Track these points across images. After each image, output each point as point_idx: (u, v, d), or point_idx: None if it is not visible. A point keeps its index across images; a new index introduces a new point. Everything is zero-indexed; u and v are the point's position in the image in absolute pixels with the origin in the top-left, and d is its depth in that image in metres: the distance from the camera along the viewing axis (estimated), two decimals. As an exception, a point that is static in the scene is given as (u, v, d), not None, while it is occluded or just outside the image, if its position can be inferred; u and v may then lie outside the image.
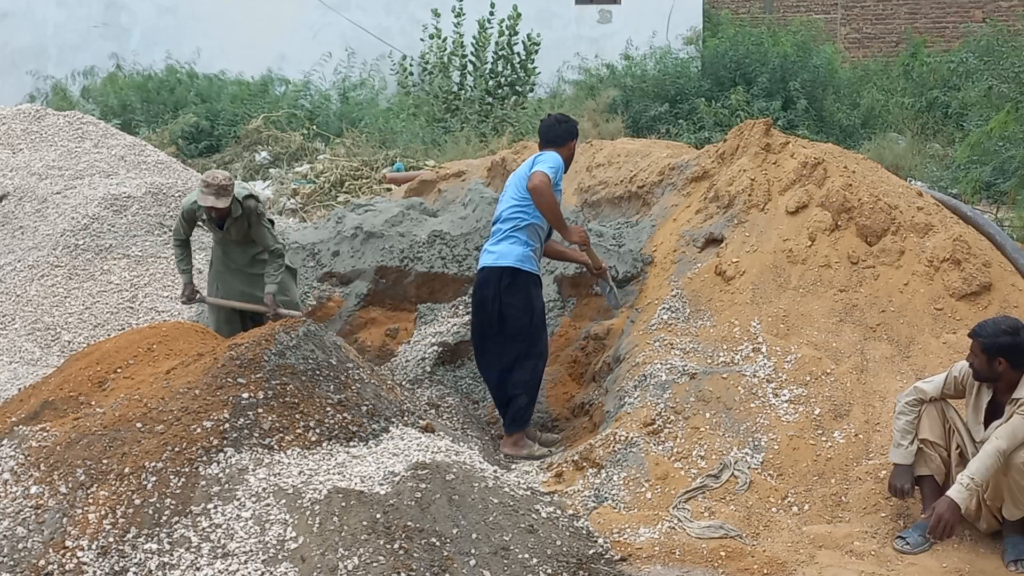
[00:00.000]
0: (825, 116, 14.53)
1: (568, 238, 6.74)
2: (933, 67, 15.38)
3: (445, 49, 15.83)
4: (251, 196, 7.22)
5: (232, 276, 7.36)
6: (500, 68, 15.84)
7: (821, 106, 14.59)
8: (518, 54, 15.83)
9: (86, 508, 4.77)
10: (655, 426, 5.75)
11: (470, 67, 15.81)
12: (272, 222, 7.50)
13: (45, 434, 5.19)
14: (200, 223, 7.40)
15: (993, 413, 5.00)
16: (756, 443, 5.62)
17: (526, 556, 4.74)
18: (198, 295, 7.45)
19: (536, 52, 15.85)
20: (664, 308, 6.56)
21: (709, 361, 6.11)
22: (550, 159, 6.50)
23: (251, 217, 7.15)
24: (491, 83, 15.68)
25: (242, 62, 16.72)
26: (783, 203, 6.77)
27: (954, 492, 4.76)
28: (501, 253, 6.50)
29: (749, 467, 5.49)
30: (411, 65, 16.22)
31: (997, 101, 10.97)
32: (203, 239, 9.51)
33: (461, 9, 15.75)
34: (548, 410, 7.12)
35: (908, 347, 6.09)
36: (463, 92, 15.60)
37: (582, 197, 8.63)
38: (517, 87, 15.79)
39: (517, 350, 6.48)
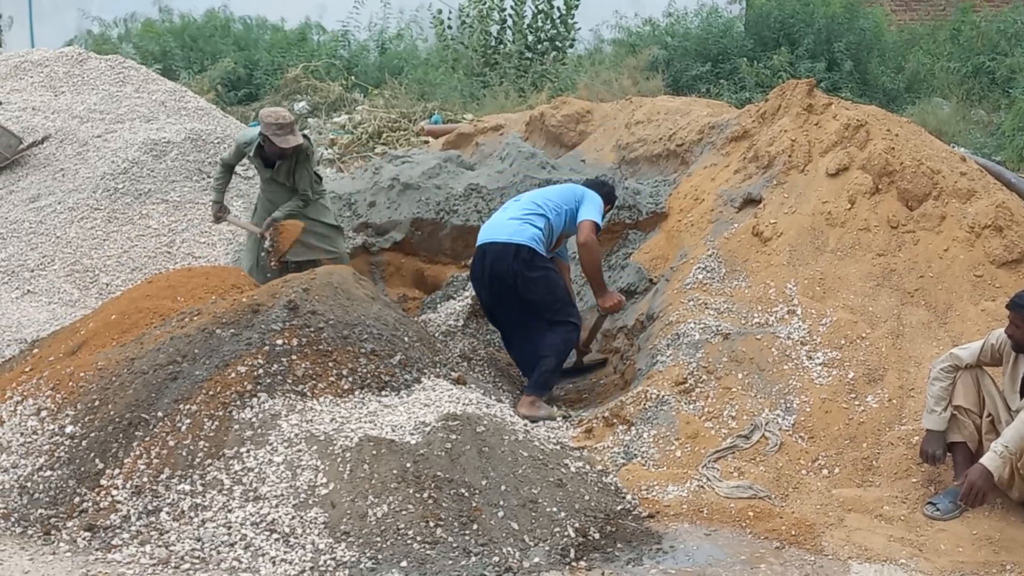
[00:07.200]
0: (869, 79, 14.31)
1: (602, 303, 6.66)
2: (982, 31, 15.06)
3: (484, 2, 15.69)
4: (307, 136, 7.33)
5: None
6: (540, 23, 15.69)
7: (865, 69, 14.36)
8: (558, 9, 15.67)
9: (121, 448, 4.83)
10: (687, 385, 5.74)
11: (509, 21, 15.68)
12: (320, 178, 7.52)
13: (82, 374, 5.25)
14: (248, 158, 7.45)
15: (1030, 382, 4.95)
16: (788, 405, 5.59)
17: (554, 510, 4.76)
18: (229, 214, 7.63)
19: (577, 7, 15.68)
20: (699, 268, 6.52)
21: (743, 322, 6.08)
22: (598, 203, 6.49)
23: (299, 156, 7.18)
24: (531, 38, 15.54)
25: (282, 10, 16.67)
26: (823, 165, 6.70)
27: (987, 460, 4.73)
28: (515, 230, 6.34)
29: (780, 429, 5.47)
30: (449, 18, 16.10)
31: (1046, 67, 10.78)
32: (240, 187, 9.54)
33: (501, -38, 15.60)
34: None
35: (946, 313, 6.02)
36: (502, 46, 15.48)
37: (620, 154, 8.56)
38: (557, 43, 15.65)
39: (547, 318, 6.39)
